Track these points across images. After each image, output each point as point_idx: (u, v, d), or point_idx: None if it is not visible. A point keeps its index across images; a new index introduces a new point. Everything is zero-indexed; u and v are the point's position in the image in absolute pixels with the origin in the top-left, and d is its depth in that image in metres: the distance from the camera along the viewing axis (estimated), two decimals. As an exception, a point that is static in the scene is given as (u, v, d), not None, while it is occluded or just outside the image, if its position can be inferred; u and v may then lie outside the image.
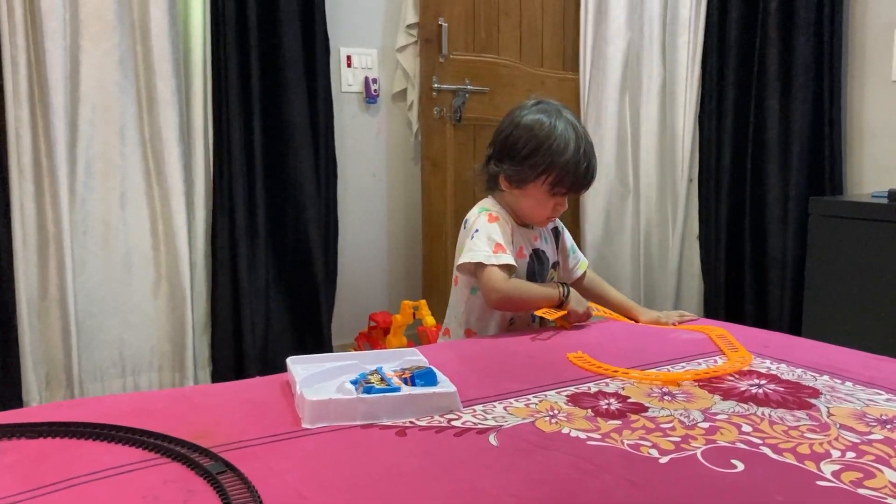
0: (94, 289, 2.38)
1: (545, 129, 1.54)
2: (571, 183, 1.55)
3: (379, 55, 3.00)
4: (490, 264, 1.51)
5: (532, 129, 1.54)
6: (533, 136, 1.54)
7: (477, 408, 1.11)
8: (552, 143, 1.52)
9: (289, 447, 0.97)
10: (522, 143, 1.55)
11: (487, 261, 1.52)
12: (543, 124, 1.54)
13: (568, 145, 1.52)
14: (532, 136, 1.54)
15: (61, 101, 2.25)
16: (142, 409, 1.07)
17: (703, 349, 1.45)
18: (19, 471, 0.87)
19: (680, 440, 1.00)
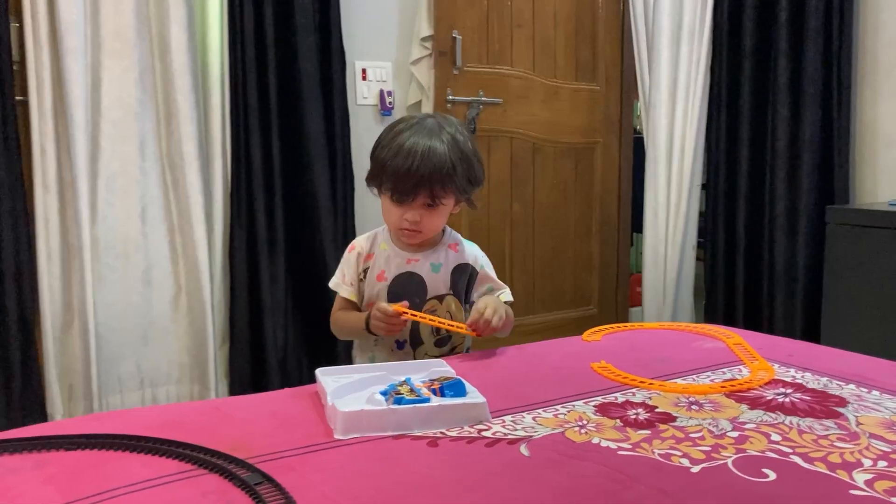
0: (114, 302, 2.40)
1: (391, 129, 1.48)
2: (392, 187, 1.45)
3: (393, 68, 3.02)
4: (332, 289, 1.59)
5: (385, 131, 1.49)
6: (382, 136, 1.49)
7: (506, 418, 1.11)
8: (386, 144, 1.46)
9: (323, 458, 0.98)
10: (375, 145, 1.50)
11: (333, 286, 1.59)
12: (395, 125, 1.49)
13: (400, 148, 1.42)
14: (382, 135, 1.49)
15: (82, 117, 2.27)
16: (175, 421, 1.08)
17: (724, 359, 1.46)
18: (60, 482, 0.88)
19: (710, 449, 1.01)
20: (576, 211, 3.40)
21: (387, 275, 1.54)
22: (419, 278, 1.54)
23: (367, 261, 1.56)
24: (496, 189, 3.17)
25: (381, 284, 1.54)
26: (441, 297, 1.55)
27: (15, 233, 2.22)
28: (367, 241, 1.58)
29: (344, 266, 1.58)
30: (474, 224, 3.11)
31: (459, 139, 1.46)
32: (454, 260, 1.57)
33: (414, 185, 1.43)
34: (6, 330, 2.22)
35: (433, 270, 1.55)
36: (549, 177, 3.30)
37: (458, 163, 1.44)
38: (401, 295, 1.50)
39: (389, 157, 1.43)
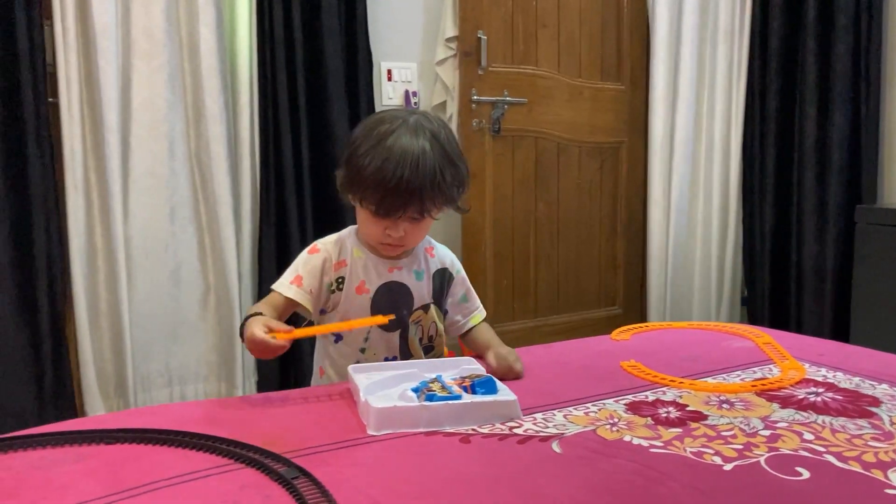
0: (143, 301, 2.44)
1: (369, 134, 1.29)
2: (376, 203, 1.28)
3: (418, 69, 3.03)
4: (272, 288, 1.38)
5: (362, 131, 1.31)
6: (357, 139, 1.31)
7: (537, 416, 1.12)
8: (363, 150, 1.28)
9: (357, 453, 0.99)
10: (348, 145, 1.33)
11: (274, 285, 1.38)
12: (374, 129, 1.30)
13: (375, 158, 1.26)
14: (357, 137, 1.31)
15: (114, 118, 2.31)
16: (211, 416, 1.10)
17: (755, 358, 1.45)
18: (101, 475, 0.90)
19: (742, 448, 1.01)
20: (601, 210, 3.39)
21: (368, 286, 1.38)
22: (405, 288, 1.41)
23: (338, 269, 1.38)
24: (520, 189, 3.17)
25: (362, 297, 1.38)
26: (426, 307, 1.44)
27: (47, 232, 2.26)
28: (335, 245, 1.40)
29: (300, 268, 1.37)
30: (498, 224, 3.12)
31: (445, 142, 1.31)
32: (433, 265, 1.46)
33: (403, 203, 1.28)
34: (38, 328, 2.26)
35: (417, 278, 1.42)
36: (573, 176, 3.30)
37: (446, 171, 1.29)
38: (388, 308, 1.37)
39: (373, 169, 1.26)
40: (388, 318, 1.30)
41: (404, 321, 1.42)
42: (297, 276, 1.37)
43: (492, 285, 3.11)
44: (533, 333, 3.18)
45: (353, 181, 1.30)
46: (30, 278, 2.24)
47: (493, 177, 3.10)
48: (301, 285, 1.36)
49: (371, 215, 1.31)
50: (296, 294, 1.35)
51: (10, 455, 0.96)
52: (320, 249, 1.39)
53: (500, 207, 3.13)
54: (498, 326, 3.07)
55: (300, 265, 1.39)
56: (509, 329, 3.12)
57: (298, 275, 1.37)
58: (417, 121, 1.31)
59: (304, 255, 1.40)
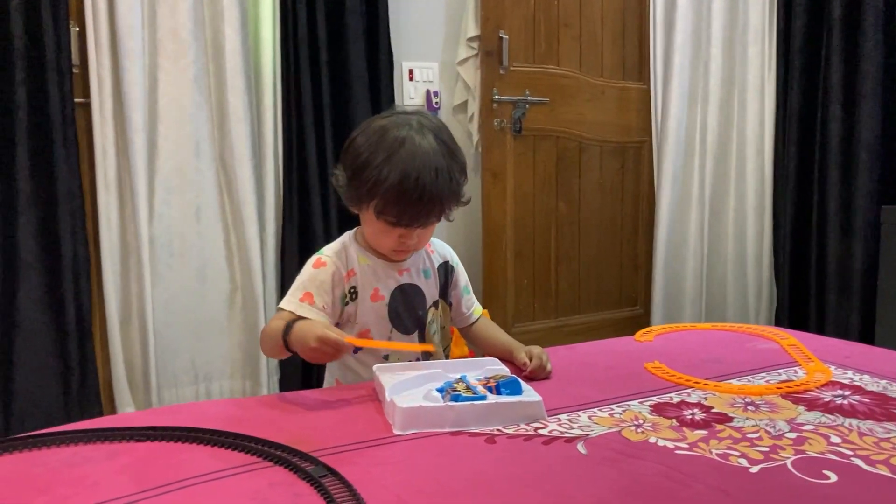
0: (170, 300, 2.46)
1: (379, 144, 1.26)
2: (397, 214, 1.27)
3: (440, 68, 3.04)
4: (281, 307, 1.34)
5: (369, 140, 1.28)
6: (366, 149, 1.28)
7: (561, 417, 1.12)
8: (378, 162, 1.25)
9: (383, 452, 1.00)
10: (354, 155, 1.30)
11: (283, 304, 1.34)
12: (383, 137, 1.27)
13: (395, 169, 1.23)
14: (365, 148, 1.28)
15: (140, 119, 2.33)
16: (239, 415, 1.11)
17: (780, 360, 1.45)
18: (133, 472, 0.92)
19: (768, 450, 1.00)
20: (622, 210, 3.38)
21: (383, 292, 1.37)
22: (417, 289, 1.41)
23: (349, 279, 1.35)
24: (542, 188, 3.17)
25: (378, 304, 1.36)
26: (436, 304, 1.45)
27: (73, 231, 2.29)
28: (340, 256, 1.36)
29: (310, 285, 1.33)
30: (519, 223, 3.11)
31: (447, 139, 1.31)
32: (436, 260, 1.46)
33: (425, 212, 1.28)
34: (64, 325, 2.29)
35: (425, 277, 1.43)
36: (595, 176, 3.29)
37: (455, 171, 1.30)
38: (404, 312, 1.38)
39: (393, 182, 1.23)
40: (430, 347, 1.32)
41: (422, 322, 1.42)
42: (306, 294, 1.32)
43: (512, 285, 3.11)
44: (554, 333, 3.18)
45: (369, 193, 1.27)
46: (56, 277, 2.27)
47: (515, 176, 3.10)
48: (313, 303, 1.31)
49: (386, 225, 1.30)
50: (309, 313, 1.30)
51: (42, 451, 0.98)
52: (326, 262, 1.35)
53: (522, 207, 3.12)
54: (518, 326, 3.10)
55: (307, 282, 1.34)
56: (530, 329, 3.11)
57: (308, 292, 1.32)
58: (420, 122, 1.30)
59: (309, 271, 1.36)
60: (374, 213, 1.29)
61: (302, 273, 1.37)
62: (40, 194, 2.24)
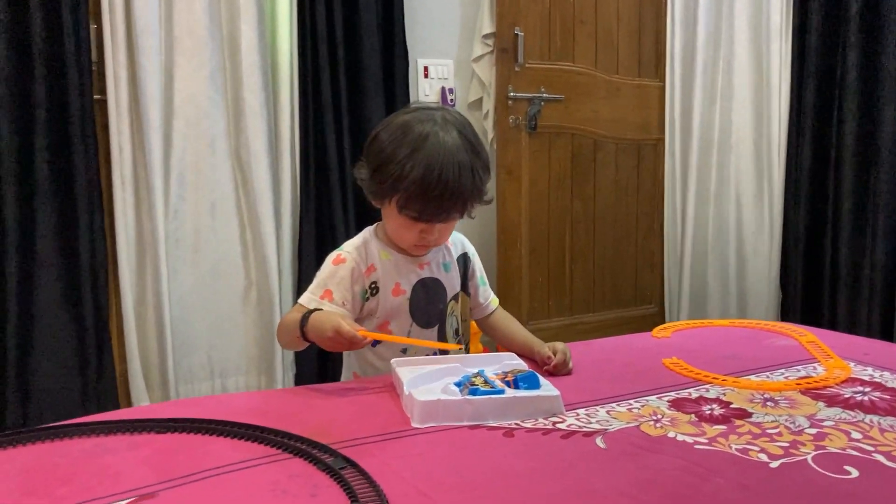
0: (186, 295, 2.47)
1: (403, 139, 1.27)
2: (419, 209, 1.28)
3: (454, 65, 3.04)
4: (300, 303, 1.35)
5: (393, 135, 1.29)
6: (389, 144, 1.28)
7: (580, 411, 1.12)
8: (401, 157, 1.26)
9: (402, 445, 1.00)
10: (378, 150, 1.30)
11: (302, 300, 1.35)
12: (407, 132, 1.28)
13: (418, 164, 1.24)
14: (388, 143, 1.28)
15: (156, 115, 2.34)
16: (258, 408, 1.12)
17: (799, 356, 1.44)
18: (155, 463, 0.92)
19: (788, 445, 1.00)
20: (638, 208, 3.37)
21: (404, 286, 1.38)
22: (439, 283, 1.42)
23: (369, 275, 1.36)
24: (557, 186, 3.16)
25: (399, 299, 1.37)
26: (456, 297, 1.45)
27: (91, 227, 2.30)
28: (360, 251, 1.37)
29: (329, 282, 1.34)
30: (534, 221, 3.11)
31: (470, 135, 1.32)
32: (455, 252, 1.47)
33: (448, 208, 1.29)
34: (82, 320, 2.30)
35: (446, 270, 1.44)
36: (610, 174, 3.28)
37: (479, 168, 1.30)
38: (425, 306, 1.39)
39: (416, 178, 1.24)
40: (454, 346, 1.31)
41: (442, 316, 1.43)
42: (326, 291, 1.33)
43: (527, 282, 3.11)
44: (568, 331, 3.17)
45: (391, 188, 1.28)
46: (74, 272, 2.28)
47: (529, 174, 3.09)
48: (332, 299, 1.33)
49: (408, 220, 1.30)
50: (328, 309, 1.31)
51: (65, 442, 0.99)
52: (346, 259, 1.36)
53: (536, 204, 3.12)
54: (533, 324, 3.09)
55: (327, 278, 1.35)
56: (545, 326, 3.11)
57: (328, 289, 1.34)
58: (444, 118, 1.30)
59: (329, 267, 1.37)
60: (397, 207, 1.30)
61: (322, 269, 1.38)
62: (59, 190, 2.25)
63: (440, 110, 1.33)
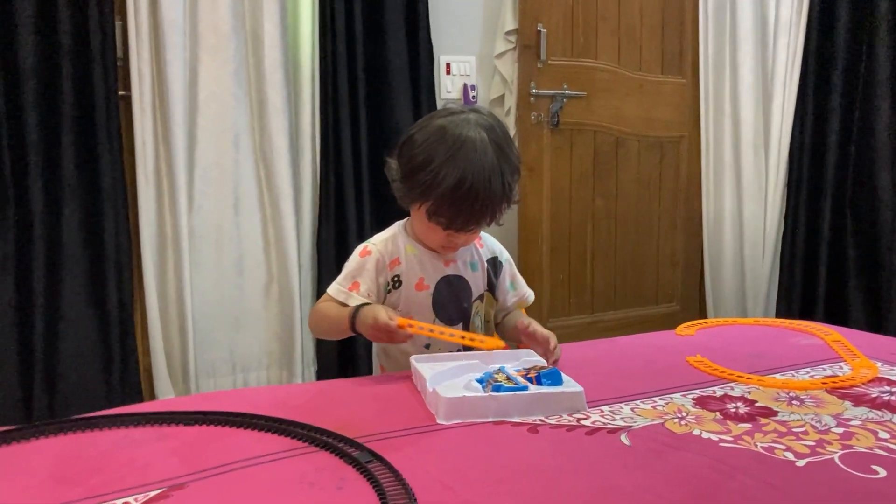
0: (208, 290, 2.49)
1: (437, 146, 1.27)
2: (449, 219, 1.29)
3: (477, 62, 3.04)
4: (329, 294, 1.38)
5: (426, 140, 1.29)
6: (422, 150, 1.29)
7: (604, 408, 1.12)
8: (434, 166, 1.26)
9: (427, 440, 1.00)
10: (411, 155, 1.31)
11: (331, 291, 1.38)
12: (440, 140, 1.28)
13: (449, 175, 1.25)
14: (422, 149, 1.29)
15: (180, 111, 2.36)
16: (283, 401, 1.13)
17: (824, 355, 1.43)
18: (183, 455, 0.93)
19: (814, 444, 0.99)
20: (660, 206, 3.36)
21: (427, 282, 1.39)
22: (464, 281, 1.42)
23: (393, 268, 1.39)
24: (578, 183, 3.15)
25: (422, 294, 1.39)
26: (482, 297, 1.46)
27: (115, 222, 2.33)
28: (387, 244, 1.40)
29: (356, 273, 1.37)
30: (555, 218, 3.10)
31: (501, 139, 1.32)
32: (485, 255, 1.48)
33: (477, 218, 1.30)
34: (106, 314, 2.33)
35: (472, 269, 1.44)
36: (632, 171, 3.27)
37: (508, 175, 1.31)
38: (449, 303, 1.40)
39: (447, 188, 1.25)
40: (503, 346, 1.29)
41: (466, 314, 1.43)
42: (354, 283, 1.37)
43: (548, 280, 3.10)
44: (589, 329, 3.17)
45: (422, 195, 1.30)
46: (99, 266, 2.31)
47: (551, 171, 3.09)
48: (360, 291, 1.36)
49: (436, 224, 1.32)
50: (355, 301, 1.34)
51: (94, 433, 1.00)
52: (372, 251, 1.39)
53: (558, 202, 3.11)
54: (553, 321, 3.09)
55: (354, 270, 1.38)
56: (565, 324, 3.10)
57: (356, 281, 1.37)
58: (477, 122, 1.31)
59: (356, 259, 1.40)
60: (426, 214, 1.31)
61: (350, 261, 1.41)
62: (84, 185, 2.28)
63: (474, 113, 1.33)
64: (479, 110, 1.36)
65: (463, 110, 1.35)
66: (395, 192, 1.37)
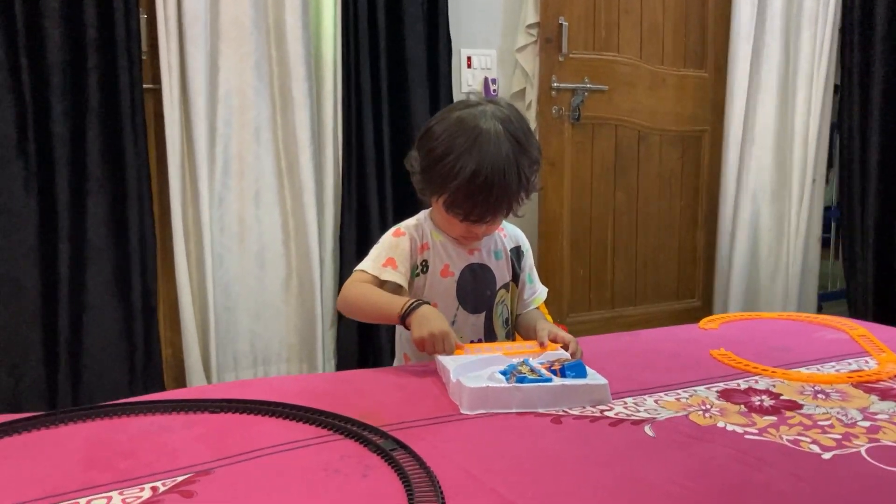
0: (230, 283, 2.51)
1: (454, 139, 1.29)
2: (466, 211, 1.30)
3: (498, 56, 3.03)
4: (362, 269, 1.38)
5: (444, 133, 1.30)
6: (440, 143, 1.30)
7: (627, 400, 1.12)
8: (451, 158, 1.28)
9: (451, 430, 1.01)
10: (428, 148, 1.32)
11: (364, 267, 1.38)
12: (456, 133, 1.29)
13: (464, 168, 1.26)
14: (439, 142, 1.30)
15: (202, 104, 2.38)
16: (307, 390, 1.13)
17: (850, 350, 1.42)
18: (209, 441, 0.94)
19: (841, 437, 0.99)
20: (681, 201, 3.34)
21: (452, 269, 1.40)
22: (488, 269, 1.43)
23: (423, 252, 1.40)
24: (599, 177, 3.14)
25: (448, 281, 1.40)
26: (506, 286, 1.47)
27: (140, 214, 2.34)
28: (417, 229, 1.41)
29: (390, 251, 1.38)
30: (576, 213, 3.09)
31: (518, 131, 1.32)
32: (508, 244, 1.49)
33: (493, 211, 1.32)
34: (130, 306, 2.35)
35: (496, 258, 1.45)
36: (654, 165, 3.25)
37: (526, 167, 1.31)
38: (472, 291, 1.41)
39: (463, 181, 1.27)
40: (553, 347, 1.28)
41: (490, 303, 1.43)
42: (389, 259, 1.37)
43: (568, 275, 3.10)
44: (609, 324, 3.16)
45: (441, 188, 1.31)
46: (123, 258, 2.33)
47: (572, 165, 3.08)
48: (396, 268, 1.36)
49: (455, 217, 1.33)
50: (393, 277, 1.35)
51: (123, 419, 1.01)
52: (405, 233, 1.40)
53: (579, 196, 3.10)
54: (573, 317, 3.08)
55: (388, 248, 1.39)
56: (585, 319, 3.10)
57: (390, 257, 1.37)
58: (494, 114, 1.31)
59: (390, 239, 1.40)
60: (444, 207, 1.33)
61: (381, 241, 1.41)
62: (109, 177, 2.30)
63: (491, 105, 1.34)
64: (497, 102, 1.36)
65: (480, 102, 1.35)
66: (415, 184, 1.39)
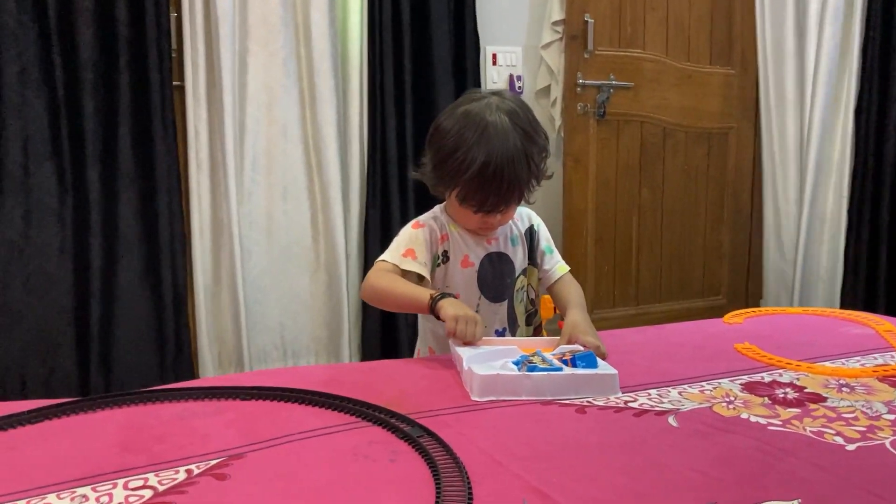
0: (258, 277, 2.54)
1: (462, 133, 1.31)
2: (479, 202, 1.33)
3: (523, 53, 3.04)
4: (384, 259, 1.40)
5: (452, 128, 1.33)
6: (448, 138, 1.32)
7: (651, 391, 1.13)
8: (460, 153, 1.30)
9: (476, 417, 1.02)
10: (438, 145, 1.35)
11: (386, 257, 1.40)
12: (464, 127, 1.31)
13: (474, 161, 1.28)
14: (448, 137, 1.33)
15: (231, 101, 2.41)
16: (335, 379, 1.16)
17: (876, 344, 1.41)
18: (240, 427, 0.97)
19: (865, 430, 0.99)
20: (707, 198, 3.32)
21: (472, 259, 1.42)
22: (507, 258, 1.45)
23: (442, 243, 1.42)
24: (625, 174, 3.14)
25: (468, 271, 1.42)
26: (525, 271, 1.48)
27: (170, 209, 2.39)
28: (436, 221, 1.43)
29: (409, 242, 1.40)
30: (601, 209, 3.10)
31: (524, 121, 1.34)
32: (522, 227, 1.50)
33: (505, 200, 1.34)
34: (161, 299, 2.39)
35: (513, 245, 1.47)
36: (679, 162, 3.24)
37: (534, 155, 1.33)
38: (493, 280, 1.42)
39: (473, 174, 1.29)
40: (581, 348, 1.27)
41: (510, 290, 1.45)
42: (409, 250, 1.39)
43: (593, 271, 3.10)
44: (634, 321, 3.15)
45: (453, 181, 1.34)
46: (154, 252, 2.37)
47: (597, 162, 3.08)
48: (416, 258, 1.38)
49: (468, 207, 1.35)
50: (413, 267, 1.37)
51: (155, 406, 1.04)
52: (424, 224, 1.42)
53: (604, 193, 3.10)
54: (598, 313, 3.08)
55: (408, 240, 1.41)
56: (610, 316, 3.10)
57: (410, 248, 1.39)
58: (498, 106, 1.33)
59: (409, 231, 1.42)
60: (457, 200, 1.36)
61: (401, 233, 1.43)
62: (140, 173, 2.34)
63: (496, 96, 1.36)
64: (502, 94, 1.38)
65: (485, 95, 1.37)
66: (427, 181, 1.41)
